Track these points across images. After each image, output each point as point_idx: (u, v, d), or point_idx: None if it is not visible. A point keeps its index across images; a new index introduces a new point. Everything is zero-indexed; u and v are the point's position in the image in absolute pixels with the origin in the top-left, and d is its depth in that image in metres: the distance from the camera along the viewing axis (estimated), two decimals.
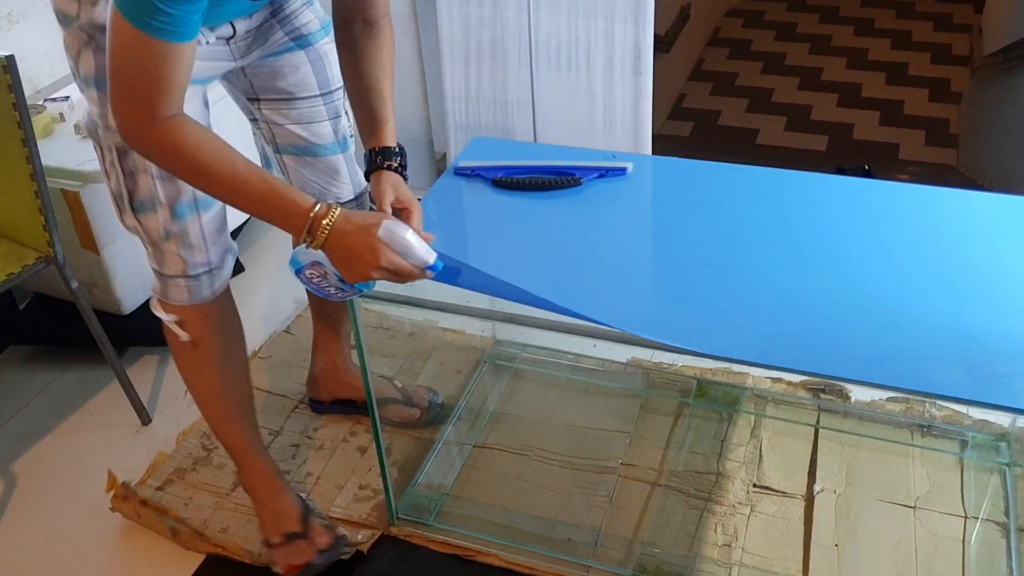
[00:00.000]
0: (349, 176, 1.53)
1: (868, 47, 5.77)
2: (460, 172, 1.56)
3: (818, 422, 1.75)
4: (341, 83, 1.44)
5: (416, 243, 1.16)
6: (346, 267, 1.16)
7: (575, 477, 1.69)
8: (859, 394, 1.78)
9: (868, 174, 2.96)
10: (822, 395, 1.79)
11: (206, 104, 1.32)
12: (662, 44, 4.88)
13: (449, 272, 1.24)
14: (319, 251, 1.16)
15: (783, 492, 1.62)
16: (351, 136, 1.53)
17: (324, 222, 1.12)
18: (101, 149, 1.27)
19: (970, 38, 5.53)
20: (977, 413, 1.71)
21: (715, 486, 1.64)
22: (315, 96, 1.43)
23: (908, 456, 1.67)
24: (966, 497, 1.59)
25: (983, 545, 1.51)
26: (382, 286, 1.35)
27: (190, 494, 1.70)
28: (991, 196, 1.42)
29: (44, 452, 1.85)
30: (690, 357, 1.94)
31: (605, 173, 1.55)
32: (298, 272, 1.23)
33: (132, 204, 1.28)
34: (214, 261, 1.36)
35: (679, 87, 5.50)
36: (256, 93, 1.42)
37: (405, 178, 1.38)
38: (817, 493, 1.61)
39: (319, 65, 1.42)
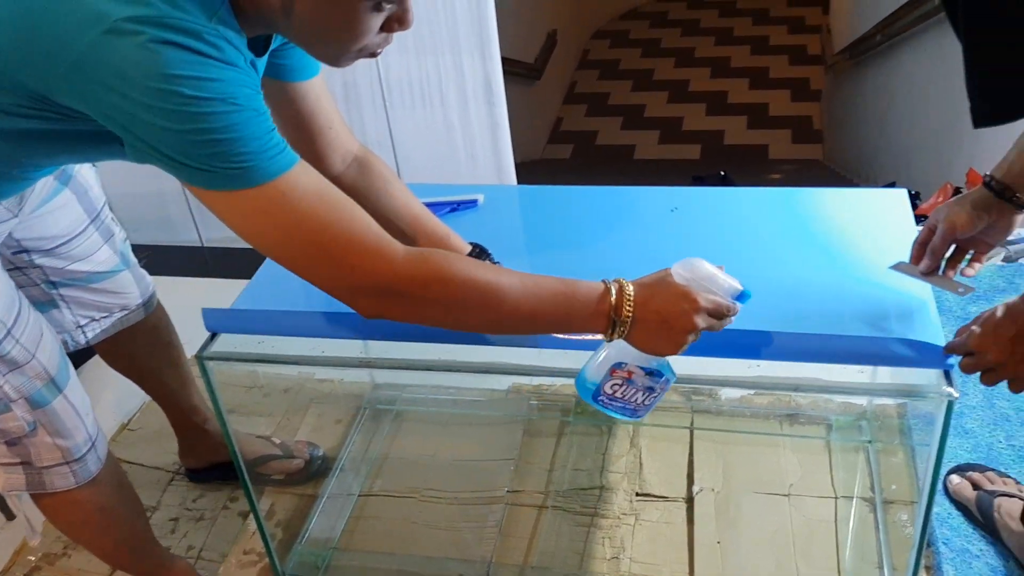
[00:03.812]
0: (136, 283, 1.47)
1: (730, 55, 6.03)
2: None
3: (692, 424, 1.79)
4: (103, 198, 1.38)
5: (717, 271, 0.98)
6: (663, 335, 0.94)
7: (463, 512, 1.69)
8: (728, 392, 1.83)
9: (725, 180, 3.07)
10: (693, 397, 1.84)
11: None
12: (532, 71, 4.99)
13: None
14: (613, 352, 0.99)
15: (664, 497, 1.65)
16: (126, 240, 1.46)
17: (627, 295, 0.93)
18: None
19: (821, 38, 5.84)
20: (839, 397, 1.78)
21: (599, 500, 1.66)
22: (87, 226, 1.33)
23: (779, 446, 1.72)
24: (835, 478, 1.64)
25: (854, 521, 1.56)
26: (233, 346, 1.33)
27: None
28: (826, 191, 1.49)
29: None
30: (569, 378, 1.97)
31: (457, 207, 1.57)
32: (596, 396, 1.03)
33: None
34: (92, 431, 1.24)
35: (555, 111, 5.63)
36: (24, 246, 1.27)
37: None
38: (696, 494, 1.64)
39: (81, 193, 1.32)
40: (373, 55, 0.96)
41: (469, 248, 1.27)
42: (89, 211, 1.34)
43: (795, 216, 1.43)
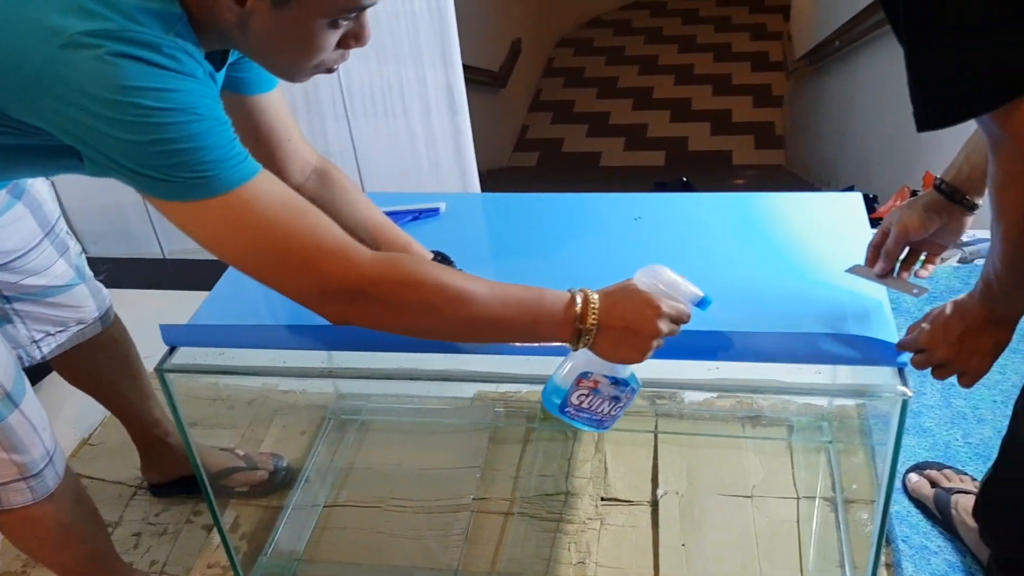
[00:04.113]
0: (92, 296, 1.45)
1: (693, 62, 6.09)
2: None
3: (656, 428, 1.80)
4: (58, 211, 1.36)
5: (679, 278, 0.99)
6: (628, 343, 0.95)
7: (429, 520, 1.68)
8: (690, 396, 1.85)
9: (687, 186, 3.10)
10: (656, 401, 1.85)
11: None
12: (498, 79, 5.00)
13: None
14: (579, 362, 0.99)
15: (629, 501, 1.66)
16: (81, 254, 1.44)
17: (591, 304, 0.94)
18: None
19: (782, 45, 5.92)
20: (799, 398, 1.81)
21: (565, 506, 1.66)
22: (41, 240, 1.32)
23: (741, 448, 1.74)
24: (797, 479, 1.66)
25: (816, 521, 1.58)
26: (194, 358, 1.32)
27: None
28: (782, 195, 1.52)
29: None
30: (534, 384, 1.98)
31: (418, 215, 1.57)
32: (563, 408, 1.03)
33: None
34: (50, 446, 1.23)
35: (521, 119, 5.65)
36: None
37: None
38: (661, 497, 1.66)
39: (35, 207, 1.30)
40: (330, 71, 0.96)
41: (432, 256, 1.28)
42: (43, 225, 1.33)
43: (753, 221, 1.45)
